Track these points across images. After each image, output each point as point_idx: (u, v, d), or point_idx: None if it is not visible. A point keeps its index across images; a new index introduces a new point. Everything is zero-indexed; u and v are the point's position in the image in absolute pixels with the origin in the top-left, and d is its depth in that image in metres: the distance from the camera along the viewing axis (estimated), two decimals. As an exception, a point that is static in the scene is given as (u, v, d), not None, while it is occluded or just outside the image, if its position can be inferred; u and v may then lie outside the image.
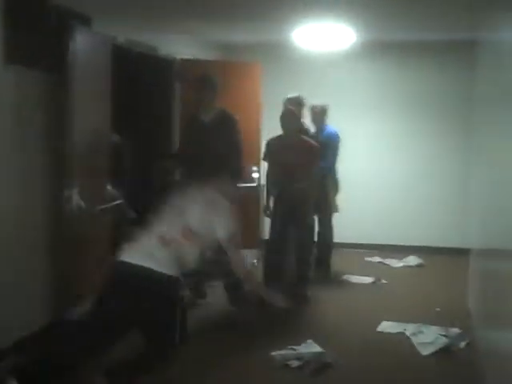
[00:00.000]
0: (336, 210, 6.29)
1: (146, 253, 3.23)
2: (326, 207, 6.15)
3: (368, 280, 6.09)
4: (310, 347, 4.18)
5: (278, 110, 5.65)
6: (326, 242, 6.28)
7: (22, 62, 4.09)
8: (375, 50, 7.29)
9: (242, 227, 3.54)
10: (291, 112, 5.56)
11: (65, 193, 4.30)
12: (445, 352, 4.23)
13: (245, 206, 5.95)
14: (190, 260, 3.36)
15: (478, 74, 5.53)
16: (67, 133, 4.40)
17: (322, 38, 6.40)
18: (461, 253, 6.08)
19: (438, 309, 5.16)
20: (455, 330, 4.54)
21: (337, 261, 6.86)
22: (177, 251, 3.27)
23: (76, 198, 4.34)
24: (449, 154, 7.38)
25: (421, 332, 4.51)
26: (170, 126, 6.43)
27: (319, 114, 6.28)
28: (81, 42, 4.42)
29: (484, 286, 4.37)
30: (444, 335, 4.44)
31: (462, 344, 4.36)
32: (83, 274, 4.51)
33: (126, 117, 5.79)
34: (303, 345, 4.20)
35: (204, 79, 5.26)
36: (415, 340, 4.39)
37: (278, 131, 5.63)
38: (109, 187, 5.04)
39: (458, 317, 4.89)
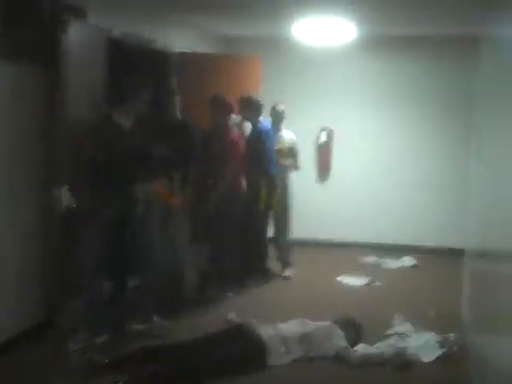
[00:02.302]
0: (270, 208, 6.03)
1: None
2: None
3: (362, 282, 6.02)
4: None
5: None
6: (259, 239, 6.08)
7: (15, 56, 4.01)
8: (376, 44, 7.19)
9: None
10: (221, 97, 5.49)
11: (54, 191, 4.22)
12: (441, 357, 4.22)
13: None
14: None
15: (480, 72, 5.43)
16: (59, 127, 4.33)
17: (322, 32, 6.32)
18: (457, 253, 5.99)
19: (431, 313, 5.11)
20: (449, 336, 4.49)
21: (331, 260, 6.84)
22: None
23: (66, 196, 4.27)
24: (449, 153, 7.29)
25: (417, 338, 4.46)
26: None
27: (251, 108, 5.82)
28: (74, 35, 4.35)
29: (477, 290, 4.32)
30: (439, 341, 4.40)
31: (455, 348, 4.32)
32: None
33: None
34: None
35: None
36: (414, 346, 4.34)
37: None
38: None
39: (451, 321, 4.84)
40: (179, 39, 6.40)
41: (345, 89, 7.45)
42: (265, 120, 5.97)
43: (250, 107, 5.76)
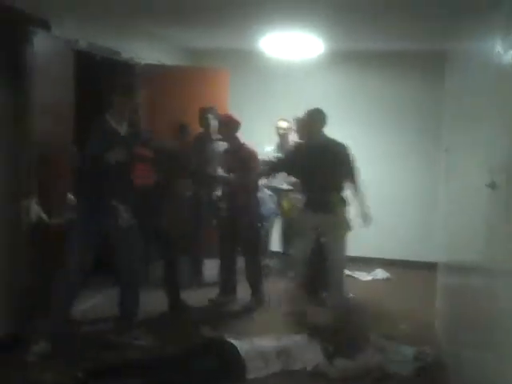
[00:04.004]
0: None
1: None
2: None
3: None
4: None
5: (245, 117, 5.55)
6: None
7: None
8: (343, 59, 7.22)
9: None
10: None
11: (23, 203, 4.09)
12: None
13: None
14: None
15: (447, 86, 5.48)
16: (27, 139, 4.23)
17: (291, 46, 6.34)
18: (430, 267, 5.98)
19: (403, 326, 5.08)
20: (425, 349, 4.45)
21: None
22: None
23: (35, 209, 4.14)
24: (419, 166, 7.31)
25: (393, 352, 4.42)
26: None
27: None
28: (40, 47, 4.25)
29: (449, 302, 4.31)
30: (415, 354, 4.36)
31: (431, 360, 4.30)
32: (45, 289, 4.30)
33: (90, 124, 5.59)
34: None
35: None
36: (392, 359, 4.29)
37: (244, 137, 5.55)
38: (71, 197, 4.81)
39: (425, 334, 4.82)
40: (147, 51, 6.32)
41: (313, 103, 7.42)
42: None
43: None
